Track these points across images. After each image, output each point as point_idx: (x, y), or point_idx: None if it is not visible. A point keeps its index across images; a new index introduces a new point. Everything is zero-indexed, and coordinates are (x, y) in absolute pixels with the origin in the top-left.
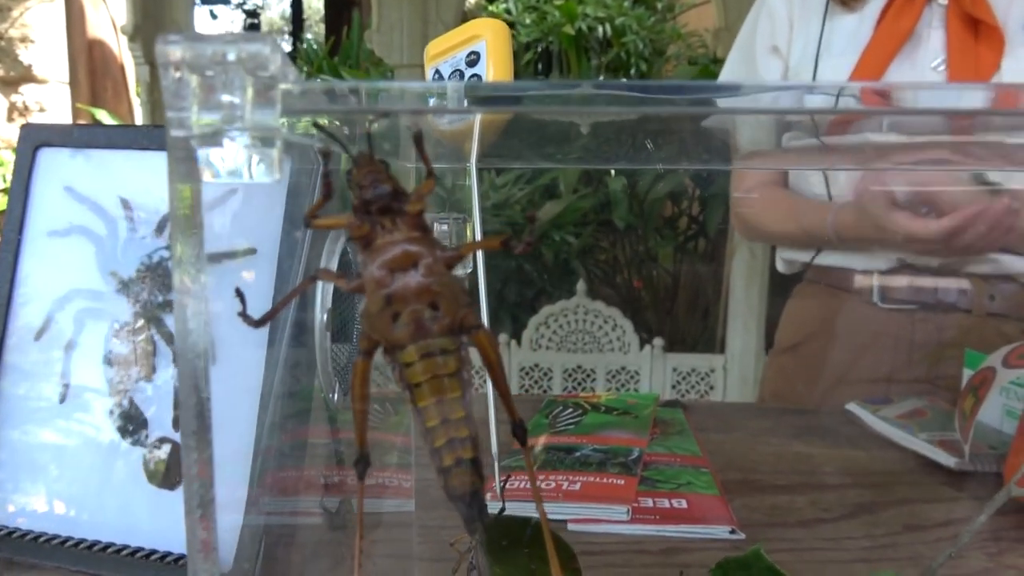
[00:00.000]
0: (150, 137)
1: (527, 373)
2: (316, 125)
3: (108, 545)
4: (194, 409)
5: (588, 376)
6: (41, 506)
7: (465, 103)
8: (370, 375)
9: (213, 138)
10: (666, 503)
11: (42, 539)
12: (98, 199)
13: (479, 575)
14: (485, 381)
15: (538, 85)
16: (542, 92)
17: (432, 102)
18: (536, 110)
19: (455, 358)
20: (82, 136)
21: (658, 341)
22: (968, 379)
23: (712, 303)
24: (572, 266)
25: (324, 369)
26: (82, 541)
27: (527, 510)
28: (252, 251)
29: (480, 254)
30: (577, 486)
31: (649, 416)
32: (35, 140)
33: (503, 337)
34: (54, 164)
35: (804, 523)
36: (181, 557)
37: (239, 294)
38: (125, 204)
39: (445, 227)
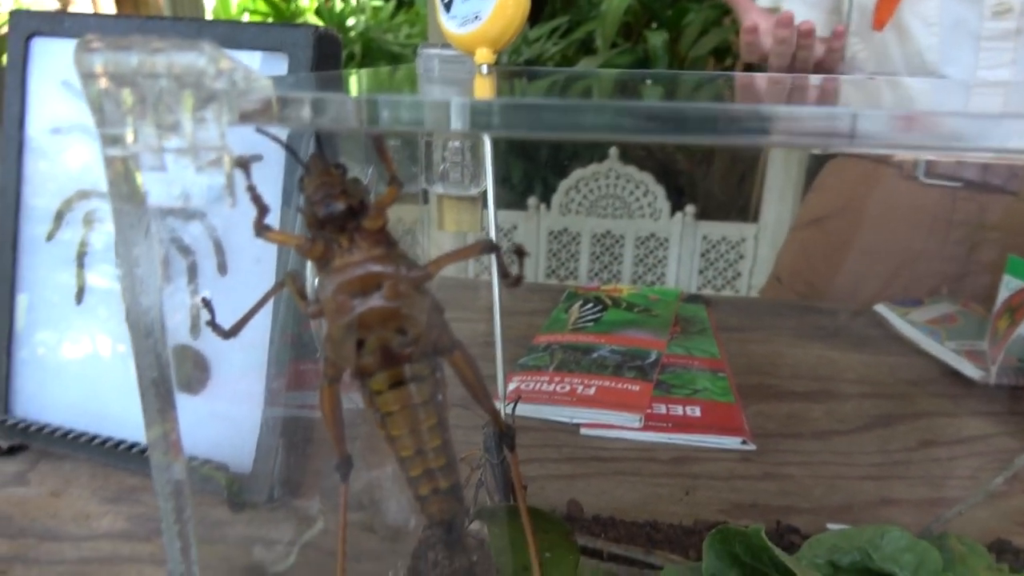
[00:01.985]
0: (147, 28)
1: (556, 237)
2: (259, 129)
3: (134, 444)
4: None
5: (617, 242)
6: (69, 404)
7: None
8: (340, 398)
9: (153, 156)
10: (680, 410)
11: (71, 435)
12: None
13: (488, 492)
14: (486, 268)
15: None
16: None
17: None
18: (552, 136)
19: (429, 383)
20: (73, 26)
21: (690, 208)
22: (1007, 297)
23: (748, 171)
24: None
25: (319, 338)
26: (108, 439)
27: (541, 412)
28: (259, 157)
29: (489, 163)
30: (592, 390)
31: (671, 315)
32: (26, 29)
33: (532, 200)
34: (48, 56)
35: (818, 434)
36: (205, 461)
37: (206, 304)
38: None
39: (457, 143)
